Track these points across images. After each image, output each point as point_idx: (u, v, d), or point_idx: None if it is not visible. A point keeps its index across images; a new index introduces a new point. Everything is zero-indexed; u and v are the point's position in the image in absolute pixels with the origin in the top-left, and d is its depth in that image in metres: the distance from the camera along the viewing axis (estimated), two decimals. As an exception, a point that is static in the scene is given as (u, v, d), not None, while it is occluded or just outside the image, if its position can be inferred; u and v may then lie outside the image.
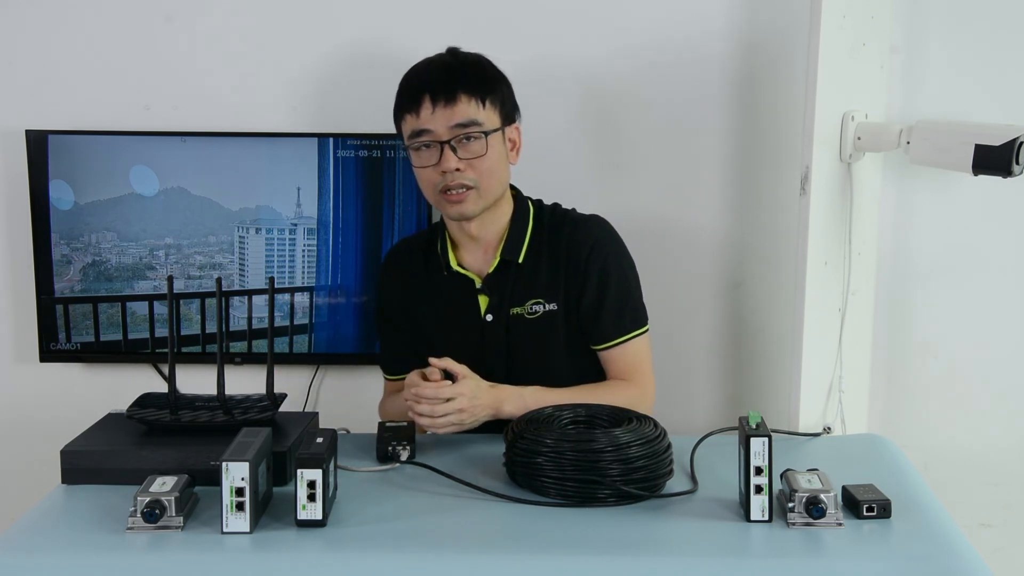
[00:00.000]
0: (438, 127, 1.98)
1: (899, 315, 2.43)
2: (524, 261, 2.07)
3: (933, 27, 2.33)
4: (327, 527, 1.59)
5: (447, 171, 1.98)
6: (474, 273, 2.09)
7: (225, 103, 2.43)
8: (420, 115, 1.98)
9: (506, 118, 2.04)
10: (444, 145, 1.97)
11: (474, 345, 2.07)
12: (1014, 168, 1.96)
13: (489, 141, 1.99)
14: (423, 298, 2.13)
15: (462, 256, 2.11)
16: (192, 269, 2.41)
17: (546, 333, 2.07)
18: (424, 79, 2.00)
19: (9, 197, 2.47)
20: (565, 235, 2.08)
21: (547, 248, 2.08)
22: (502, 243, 2.08)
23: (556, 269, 2.07)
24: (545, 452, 1.70)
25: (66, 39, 2.43)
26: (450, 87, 1.97)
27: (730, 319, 2.48)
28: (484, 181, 2.00)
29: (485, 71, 2.03)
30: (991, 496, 2.43)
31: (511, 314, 2.07)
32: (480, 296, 2.09)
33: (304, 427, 1.88)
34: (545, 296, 2.06)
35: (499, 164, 2.02)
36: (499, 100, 2.02)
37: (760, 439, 1.59)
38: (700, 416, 2.44)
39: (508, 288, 2.07)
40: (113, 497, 1.69)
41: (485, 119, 1.99)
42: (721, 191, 2.44)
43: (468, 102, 1.98)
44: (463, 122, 1.97)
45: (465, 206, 2.01)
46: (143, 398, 1.96)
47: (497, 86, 2.03)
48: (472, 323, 2.08)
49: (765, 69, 2.39)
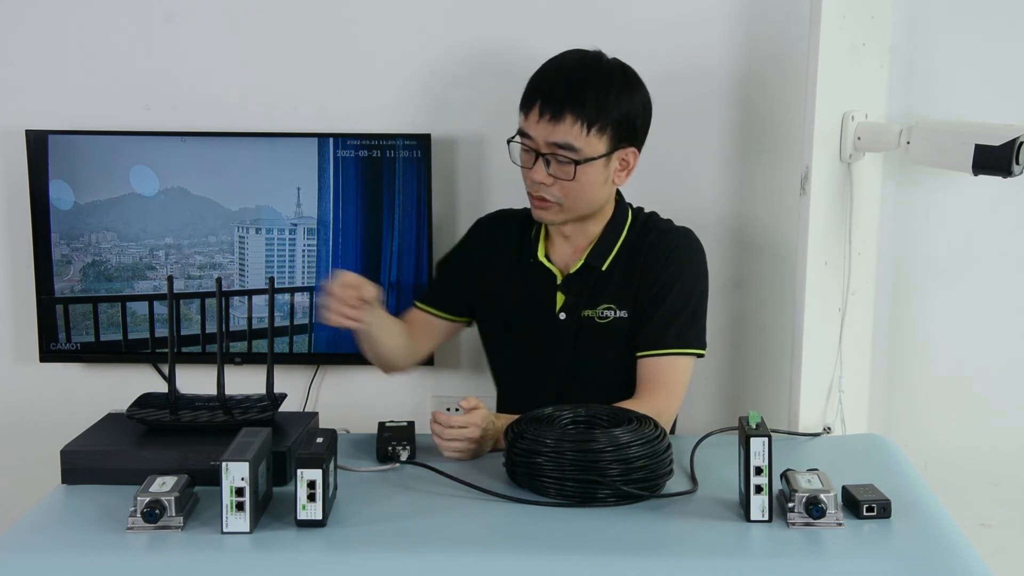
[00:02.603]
0: (538, 137, 1.95)
1: (899, 315, 2.43)
2: (608, 268, 2.06)
3: (933, 27, 2.33)
4: (327, 527, 1.59)
5: (534, 181, 1.97)
6: (558, 269, 2.09)
7: (225, 103, 2.43)
8: (528, 118, 1.96)
9: (620, 141, 1.97)
10: (539, 156, 1.96)
11: (543, 339, 2.08)
12: (1014, 168, 1.96)
13: (580, 169, 1.94)
14: (506, 278, 2.11)
15: (551, 249, 2.10)
16: (192, 269, 2.41)
17: (613, 339, 2.05)
18: (545, 83, 1.96)
19: (9, 197, 2.47)
20: (647, 244, 2.06)
21: (629, 255, 2.07)
22: (591, 247, 2.07)
23: (632, 276, 2.05)
24: (545, 452, 1.70)
25: (66, 39, 2.43)
26: (560, 104, 1.92)
27: (730, 319, 2.48)
28: (569, 201, 1.98)
29: (609, 92, 1.95)
30: (991, 496, 2.43)
31: (583, 316, 2.06)
32: (558, 292, 2.08)
33: (304, 427, 1.88)
34: (617, 303, 2.05)
35: (589, 189, 1.98)
36: (612, 125, 1.95)
37: (760, 439, 1.59)
38: (700, 416, 2.43)
39: (586, 290, 2.06)
40: (113, 497, 1.68)
41: (584, 146, 1.93)
42: (721, 191, 2.44)
43: (573, 124, 1.92)
44: (560, 143, 1.93)
45: (546, 215, 2.01)
46: (143, 398, 1.96)
47: (616, 110, 1.95)
48: (545, 317, 2.08)
49: (765, 69, 2.39)
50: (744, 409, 1.80)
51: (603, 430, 1.74)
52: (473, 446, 1.88)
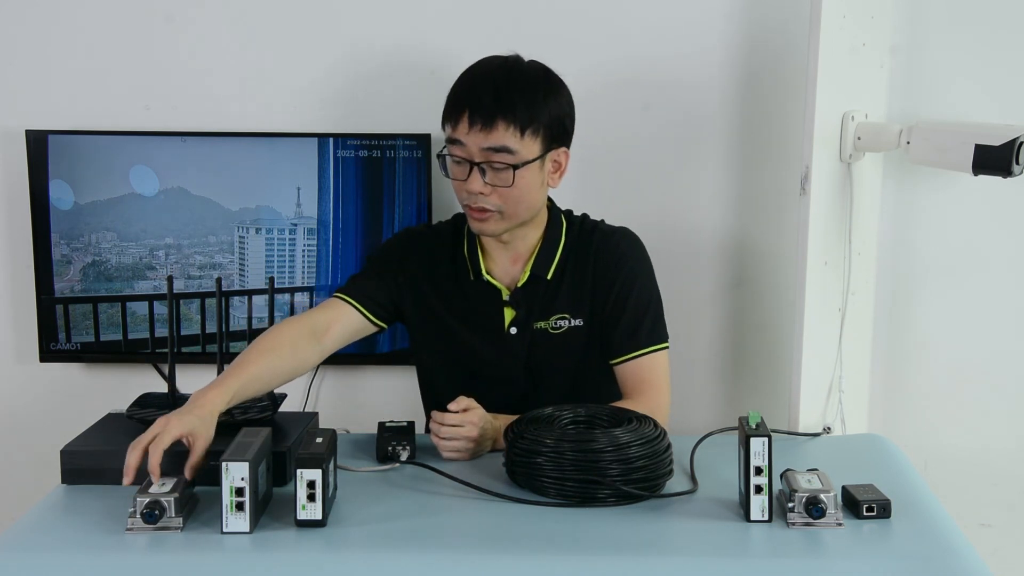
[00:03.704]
0: (471, 145, 1.92)
1: (899, 315, 2.43)
2: (552, 276, 2.05)
3: (933, 27, 2.33)
4: (327, 527, 1.59)
5: (471, 192, 1.94)
6: (502, 284, 2.06)
7: (225, 103, 2.43)
8: (458, 128, 1.93)
9: (552, 142, 1.96)
10: (473, 166, 1.93)
11: (495, 355, 2.05)
12: (1014, 168, 1.96)
13: (519, 173, 1.92)
14: (445, 297, 2.07)
15: (491, 264, 2.07)
16: (192, 269, 2.41)
17: (569, 349, 2.05)
18: (471, 93, 1.93)
19: (9, 197, 2.47)
20: (592, 249, 2.05)
21: (575, 262, 2.05)
22: (533, 257, 2.05)
23: (583, 284, 2.04)
24: (545, 452, 1.69)
25: (66, 39, 2.43)
26: (491, 112, 1.90)
27: (730, 319, 2.48)
28: (509, 208, 1.96)
29: (536, 94, 1.94)
30: (991, 496, 2.43)
31: (535, 328, 2.04)
32: (506, 308, 2.06)
33: (304, 427, 1.88)
34: (571, 311, 2.04)
35: (528, 193, 1.96)
36: (544, 127, 1.94)
37: (760, 439, 1.59)
38: (700, 416, 2.43)
39: (536, 302, 2.05)
40: (113, 497, 1.68)
41: (520, 148, 1.92)
42: (721, 191, 2.44)
43: (506, 129, 1.90)
44: (496, 147, 1.91)
45: (486, 226, 1.98)
46: (143, 398, 1.96)
47: (545, 111, 1.94)
48: (495, 334, 2.05)
49: (765, 69, 2.39)
50: (744, 409, 1.80)
51: (603, 430, 1.74)
52: (472, 446, 1.87)
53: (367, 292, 2.05)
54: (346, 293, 2.04)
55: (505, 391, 2.04)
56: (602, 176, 2.43)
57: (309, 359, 1.96)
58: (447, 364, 2.10)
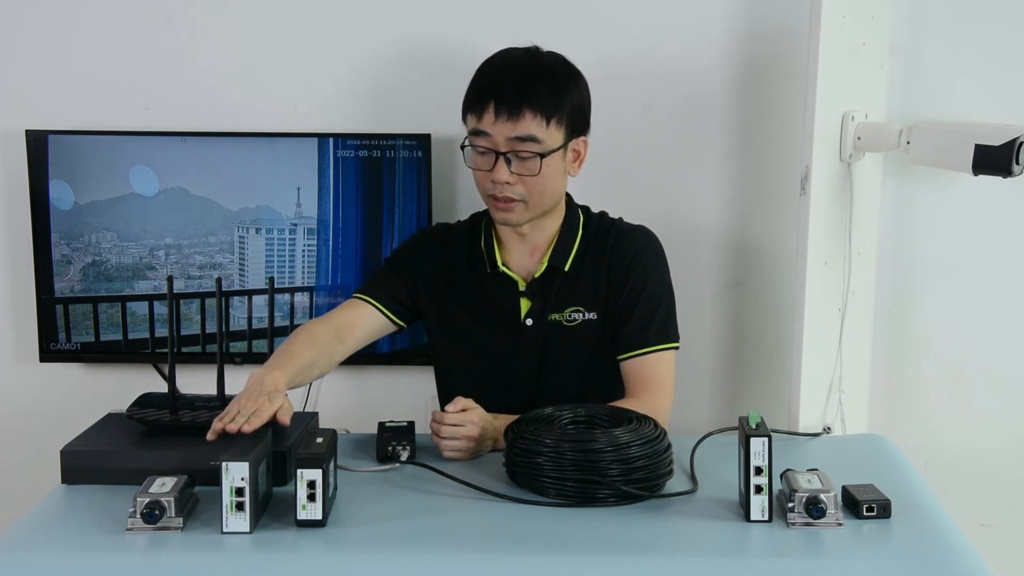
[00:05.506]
0: (497, 136, 1.93)
1: (899, 315, 2.43)
2: (570, 269, 2.05)
3: (933, 27, 2.33)
4: (327, 527, 1.59)
5: (497, 182, 1.96)
6: (519, 276, 2.07)
7: (225, 103, 2.43)
8: (483, 119, 1.94)
9: (573, 132, 1.98)
10: (499, 156, 1.94)
11: (509, 347, 2.06)
12: (1014, 168, 1.96)
13: (545, 162, 1.94)
14: (461, 293, 2.09)
15: (507, 256, 2.08)
16: (192, 269, 2.41)
17: (582, 342, 2.05)
18: (496, 84, 1.95)
19: (9, 197, 2.47)
20: (610, 245, 2.06)
21: (592, 257, 2.06)
22: (551, 248, 2.06)
23: (598, 278, 2.05)
24: (545, 452, 1.70)
25: (66, 39, 2.43)
26: (517, 100, 1.91)
27: (730, 319, 2.48)
28: (534, 197, 1.97)
29: (558, 83, 1.96)
30: (991, 496, 2.43)
31: (550, 320, 2.05)
32: (522, 299, 2.06)
33: (304, 427, 1.88)
34: (585, 305, 2.05)
35: (553, 182, 1.98)
36: (567, 115, 1.96)
37: (760, 439, 1.59)
38: (700, 416, 2.43)
39: (551, 294, 2.05)
40: (113, 497, 1.68)
41: (546, 137, 1.93)
42: (721, 191, 2.44)
43: (533, 118, 1.92)
44: (524, 136, 1.93)
45: (511, 215, 1.99)
46: (143, 398, 1.96)
47: (568, 100, 1.96)
48: (511, 326, 2.06)
49: (765, 69, 2.39)
50: (744, 409, 1.80)
51: (603, 430, 1.75)
52: (472, 445, 1.88)
53: (387, 291, 2.08)
54: (366, 293, 2.08)
55: (518, 387, 2.05)
56: (602, 176, 2.42)
57: (336, 358, 2.02)
58: (463, 360, 2.11)
